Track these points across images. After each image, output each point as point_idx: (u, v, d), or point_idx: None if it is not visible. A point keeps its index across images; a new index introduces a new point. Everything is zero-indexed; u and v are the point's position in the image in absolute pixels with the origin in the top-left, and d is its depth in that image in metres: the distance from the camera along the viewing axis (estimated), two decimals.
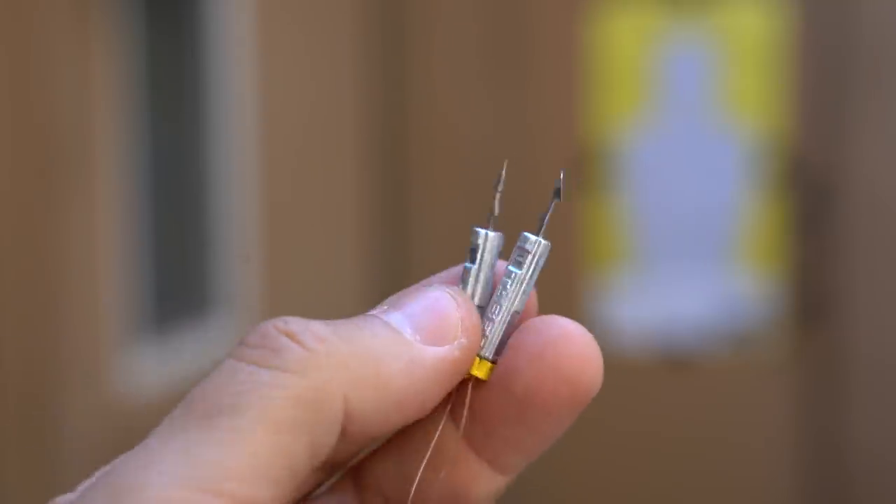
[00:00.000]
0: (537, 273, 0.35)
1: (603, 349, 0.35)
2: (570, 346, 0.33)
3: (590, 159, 2.14)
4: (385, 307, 0.33)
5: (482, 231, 0.35)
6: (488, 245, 0.35)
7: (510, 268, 0.35)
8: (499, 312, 0.34)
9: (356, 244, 2.12)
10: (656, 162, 2.14)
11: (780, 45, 2.09)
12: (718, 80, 2.12)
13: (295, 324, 0.31)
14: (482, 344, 0.34)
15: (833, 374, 2.09)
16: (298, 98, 1.90)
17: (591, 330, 0.35)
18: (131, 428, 1.37)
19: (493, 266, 0.35)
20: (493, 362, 0.34)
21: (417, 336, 0.32)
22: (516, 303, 0.34)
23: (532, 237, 0.35)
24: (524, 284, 0.34)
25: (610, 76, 2.14)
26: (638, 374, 2.13)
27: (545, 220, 0.35)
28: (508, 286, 0.34)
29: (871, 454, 2.07)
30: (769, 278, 2.11)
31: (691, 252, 2.14)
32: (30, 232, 1.32)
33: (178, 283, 1.67)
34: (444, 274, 0.36)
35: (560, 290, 2.14)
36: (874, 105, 2.05)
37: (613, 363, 1.99)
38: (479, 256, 0.35)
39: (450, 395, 0.34)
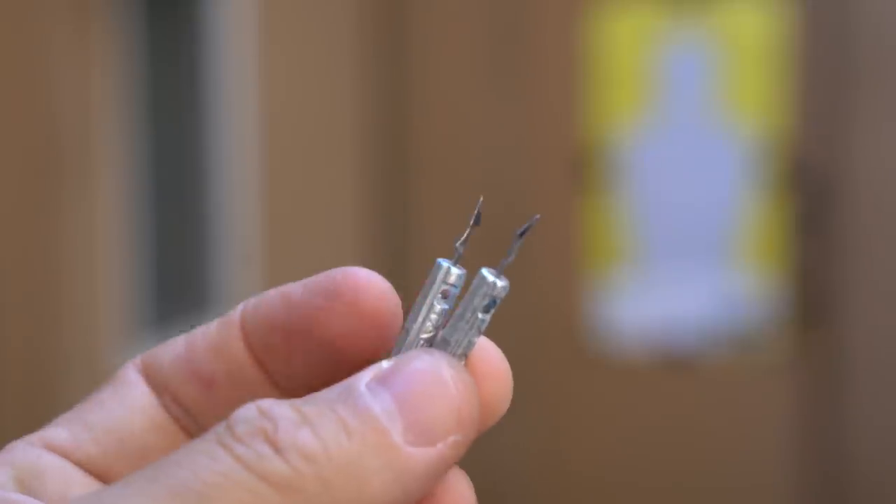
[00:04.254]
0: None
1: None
2: (483, 373, 0.32)
3: (590, 159, 2.14)
4: (378, 377, 0.31)
5: (454, 270, 0.33)
6: (466, 286, 0.33)
7: (477, 311, 0.33)
8: (461, 357, 0.33)
9: (356, 243, 2.12)
10: (656, 162, 2.14)
11: (780, 46, 2.09)
12: (719, 81, 2.12)
13: (283, 432, 0.29)
14: None
15: (833, 375, 2.09)
16: (300, 99, 1.90)
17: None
18: None
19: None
20: None
21: (409, 436, 0.30)
22: (476, 342, 0.33)
23: (499, 282, 0.33)
24: (484, 326, 0.33)
25: (610, 76, 2.14)
26: (638, 375, 2.13)
27: (506, 262, 0.33)
28: (472, 331, 0.33)
29: (872, 454, 2.07)
30: (769, 279, 2.11)
31: (691, 253, 2.14)
32: (31, 230, 1.32)
33: (177, 282, 1.67)
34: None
35: (560, 290, 2.14)
36: (874, 106, 2.05)
37: (613, 364, 1.99)
38: (457, 298, 0.33)
39: None
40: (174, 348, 0.36)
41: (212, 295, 1.70)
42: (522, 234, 0.33)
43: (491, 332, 0.34)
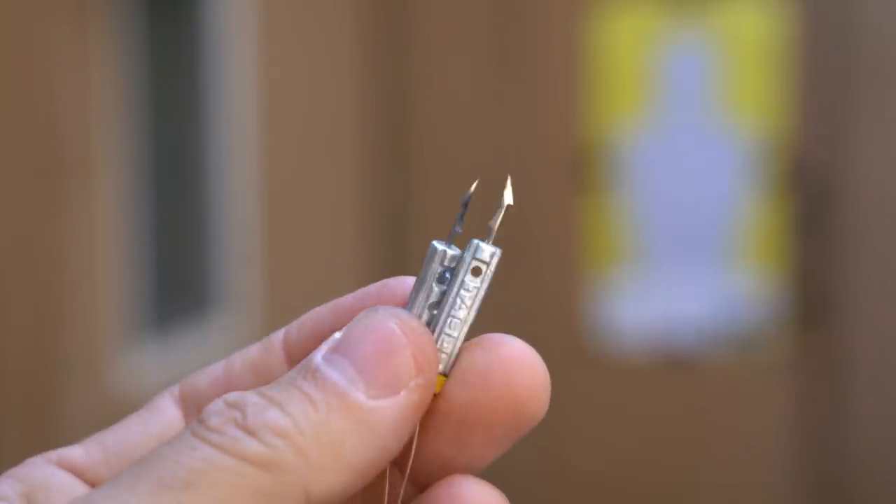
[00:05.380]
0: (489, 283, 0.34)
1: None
2: (520, 368, 0.32)
3: (590, 159, 2.14)
4: (333, 348, 0.32)
5: (447, 251, 0.34)
6: (459, 264, 0.34)
7: (466, 279, 0.33)
8: (458, 327, 0.33)
9: (356, 243, 2.12)
10: (657, 162, 2.14)
11: (780, 46, 2.09)
12: (719, 81, 2.12)
13: (252, 416, 0.30)
14: (440, 362, 0.33)
15: (833, 375, 2.09)
16: (299, 98, 1.90)
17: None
18: None
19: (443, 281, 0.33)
20: (446, 375, 0.33)
21: (372, 391, 0.31)
22: (473, 316, 0.33)
23: (488, 248, 0.34)
24: (480, 298, 0.33)
25: (610, 76, 2.14)
26: (638, 375, 2.13)
27: (494, 229, 0.34)
28: (467, 299, 0.33)
29: (872, 454, 2.07)
30: (770, 279, 2.11)
31: (692, 252, 2.14)
32: (31, 231, 1.32)
33: (178, 283, 1.67)
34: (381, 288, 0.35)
35: (560, 290, 2.14)
36: (874, 106, 2.05)
37: (614, 364, 1.99)
38: (452, 275, 0.34)
39: None
40: (212, 372, 0.37)
41: (212, 295, 1.70)
42: (506, 202, 0.34)
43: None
